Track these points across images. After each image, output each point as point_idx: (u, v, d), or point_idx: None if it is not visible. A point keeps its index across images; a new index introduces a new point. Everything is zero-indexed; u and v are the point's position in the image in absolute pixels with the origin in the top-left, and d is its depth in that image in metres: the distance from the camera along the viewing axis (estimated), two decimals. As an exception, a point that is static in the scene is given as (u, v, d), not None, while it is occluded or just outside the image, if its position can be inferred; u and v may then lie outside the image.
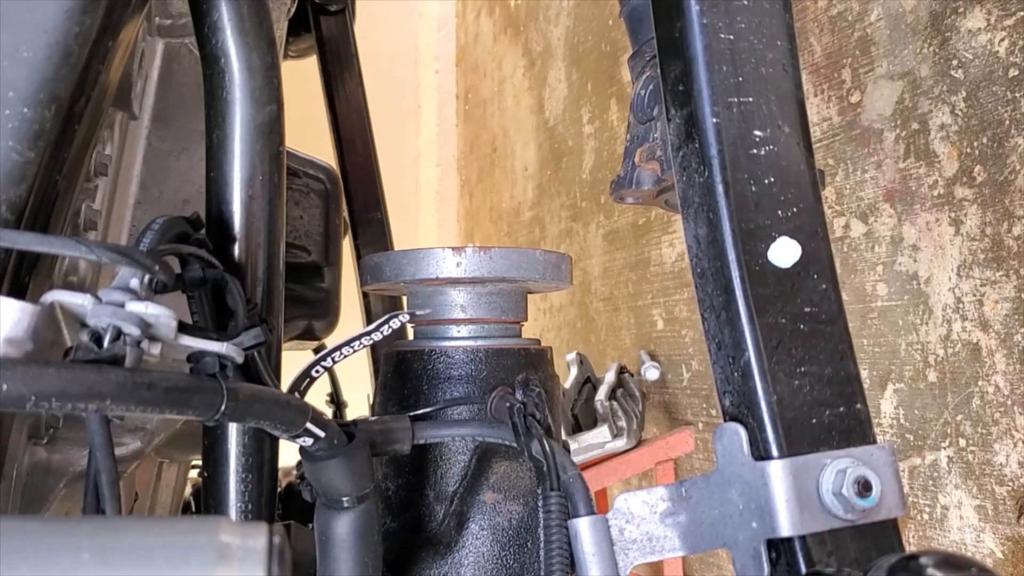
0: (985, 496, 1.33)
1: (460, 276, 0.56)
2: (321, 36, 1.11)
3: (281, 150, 0.53)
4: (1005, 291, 1.29)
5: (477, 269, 0.56)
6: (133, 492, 0.79)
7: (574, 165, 2.74)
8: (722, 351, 0.50)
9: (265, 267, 0.52)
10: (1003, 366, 1.29)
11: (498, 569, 0.54)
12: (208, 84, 0.52)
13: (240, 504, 0.50)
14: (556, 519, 0.48)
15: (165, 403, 0.35)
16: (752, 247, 0.50)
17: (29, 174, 0.41)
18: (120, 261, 0.37)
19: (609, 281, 2.51)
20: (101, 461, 0.38)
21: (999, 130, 1.29)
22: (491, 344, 0.58)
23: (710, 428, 1.92)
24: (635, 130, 0.70)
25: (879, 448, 0.48)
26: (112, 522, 0.34)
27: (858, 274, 1.56)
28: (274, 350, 0.52)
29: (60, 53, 0.42)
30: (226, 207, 0.51)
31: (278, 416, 0.40)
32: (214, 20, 0.51)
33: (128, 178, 0.69)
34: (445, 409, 0.56)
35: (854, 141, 1.57)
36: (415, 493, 0.56)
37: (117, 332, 0.35)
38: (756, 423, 0.48)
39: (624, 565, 0.49)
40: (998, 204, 1.29)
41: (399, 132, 3.45)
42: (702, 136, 0.51)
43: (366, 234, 1.06)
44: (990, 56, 1.30)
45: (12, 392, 0.31)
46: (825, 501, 0.46)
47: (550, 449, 0.50)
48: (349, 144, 1.09)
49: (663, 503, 0.50)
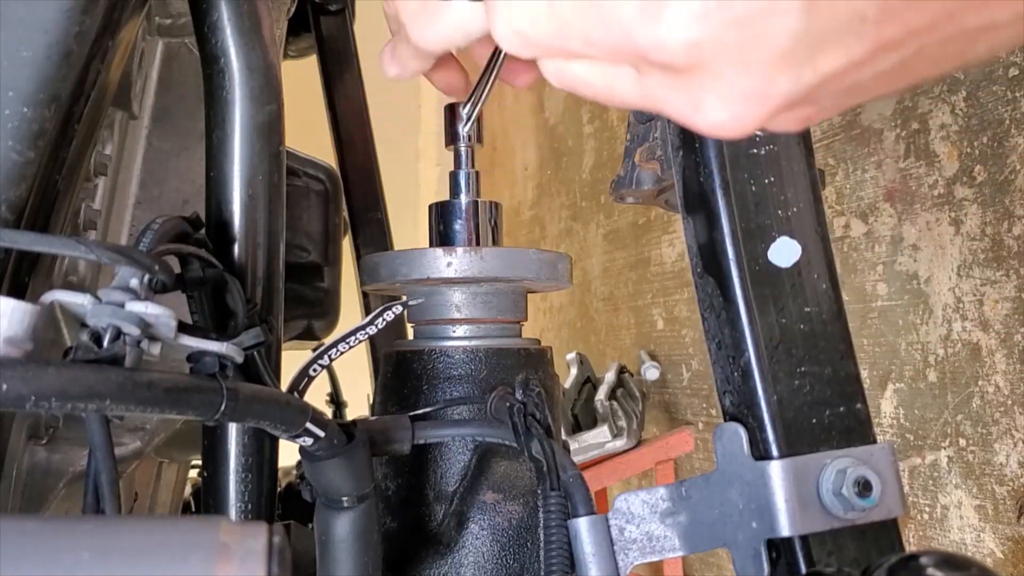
0: (985, 496, 1.33)
1: (456, 276, 0.56)
2: (321, 36, 1.11)
3: (281, 150, 0.53)
4: (1005, 291, 1.29)
5: (473, 269, 0.56)
6: (133, 492, 0.79)
7: (574, 165, 2.74)
8: (722, 351, 0.50)
9: (265, 267, 0.52)
10: (1003, 366, 1.29)
11: (498, 569, 0.54)
12: (208, 84, 0.52)
13: (240, 504, 0.50)
14: (556, 519, 0.48)
15: (165, 403, 0.35)
16: (752, 247, 0.50)
17: (29, 174, 0.41)
18: (120, 261, 0.37)
19: (609, 281, 2.51)
20: (101, 461, 0.38)
21: (999, 130, 1.29)
22: (491, 344, 0.58)
23: (710, 428, 1.91)
24: (635, 129, 0.70)
25: (879, 448, 0.48)
26: (112, 522, 0.34)
27: (858, 274, 1.56)
28: (274, 350, 0.52)
29: (60, 53, 0.42)
30: (226, 207, 0.51)
31: (278, 416, 0.40)
32: (214, 20, 0.51)
33: (128, 178, 0.69)
34: (445, 409, 0.56)
35: (854, 141, 1.57)
36: (415, 493, 0.56)
37: (117, 332, 0.35)
38: (756, 423, 0.48)
39: (624, 565, 0.49)
40: (998, 204, 1.29)
41: (399, 132, 3.45)
42: (702, 136, 0.50)
43: (366, 234, 1.06)
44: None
45: (12, 392, 0.31)
46: (825, 501, 0.46)
47: (550, 449, 0.50)
48: (349, 144, 1.09)
49: (663, 503, 0.50)
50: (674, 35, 0.27)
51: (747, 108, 0.29)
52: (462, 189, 0.59)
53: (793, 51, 0.27)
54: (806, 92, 0.29)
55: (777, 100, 0.29)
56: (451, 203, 0.59)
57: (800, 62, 0.28)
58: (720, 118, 0.29)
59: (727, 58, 0.27)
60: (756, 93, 0.28)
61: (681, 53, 0.27)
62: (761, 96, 0.29)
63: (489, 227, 0.59)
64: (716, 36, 0.27)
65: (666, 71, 0.29)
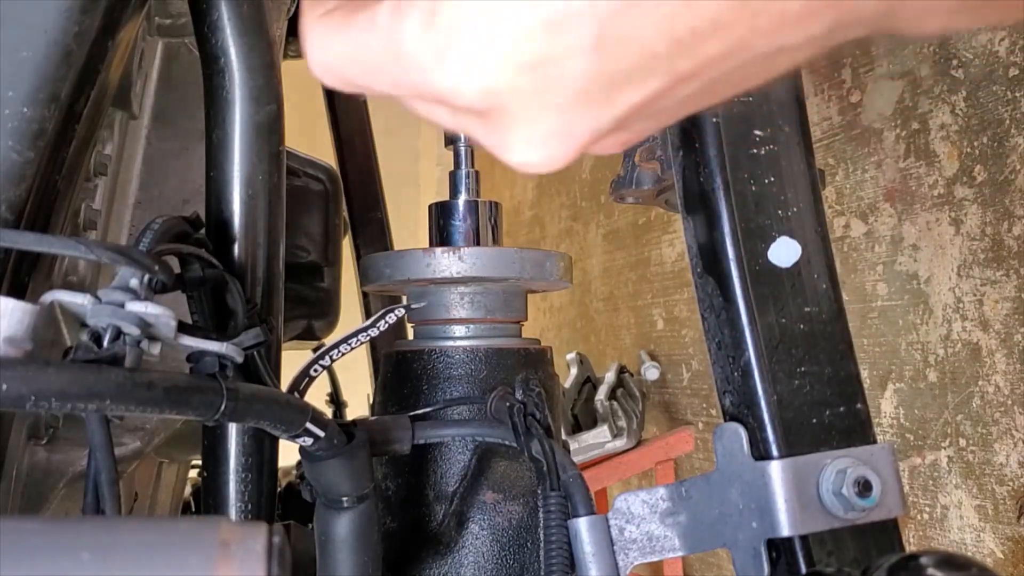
0: (985, 496, 1.33)
1: (456, 276, 0.56)
2: (321, 36, 1.11)
3: (281, 150, 0.53)
4: (1005, 291, 1.29)
5: (473, 269, 0.56)
6: (133, 492, 0.79)
7: (574, 164, 2.74)
8: (722, 351, 0.50)
9: (265, 267, 0.52)
10: (1003, 366, 1.29)
11: (498, 569, 0.54)
12: (208, 84, 0.52)
13: (240, 504, 0.50)
14: (556, 519, 0.48)
15: (165, 403, 0.35)
16: (752, 247, 0.50)
17: (29, 174, 0.41)
18: (120, 261, 0.37)
19: (609, 281, 2.51)
20: (101, 461, 0.38)
21: (999, 130, 1.29)
22: (491, 344, 0.58)
23: (710, 428, 1.91)
24: (635, 130, 0.70)
25: (879, 448, 0.48)
26: (112, 522, 0.34)
27: (858, 274, 1.56)
28: (274, 350, 0.52)
29: (60, 53, 0.42)
30: (226, 207, 0.51)
31: (278, 416, 0.40)
32: (214, 19, 0.51)
33: (128, 178, 0.69)
34: (445, 409, 0.56)
35: (854, 141, 1.57)
36: (415, 493, 0.56)
37: (117, 332, 0.35)
38: (756, 423, 0.48)
39: (624, 565, 0.49)
40: (998, 204, 1.29)
41: (399, 132, 3.45)
42: (702, 136, 0.51)
43: (366, 234, 1.06)
44: (990, 56, 1.30)
45: (12, 392, 0.31)
46: (825, 501, 0.46)
47: (550, 449, 0.50)
48: (349, 144, 1.09)
49: (663, 503, 0.50)
50: (468, 82, 0.27)
51: (554, 147, 0.29)
52: (462, 189, 0.59)
53: (588, 91, 0.27)
54: (610, 126, 0.29)
55: (582, 137, 0.29)
56: (451, 203, 0.59)
57: (598, 101, 0.28)
58: (529, 158, 0.30)
59: (525, 102, 0.28)
60: (560, 133, 0.29)
61: (476, 98, 0.28)
62: (565, 135, 0.29)
63: (489, 227, 0.59)
64: (509, 81, 0.27)
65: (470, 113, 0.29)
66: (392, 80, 0.30)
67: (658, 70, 0.27)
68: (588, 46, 0.26)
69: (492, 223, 0.60)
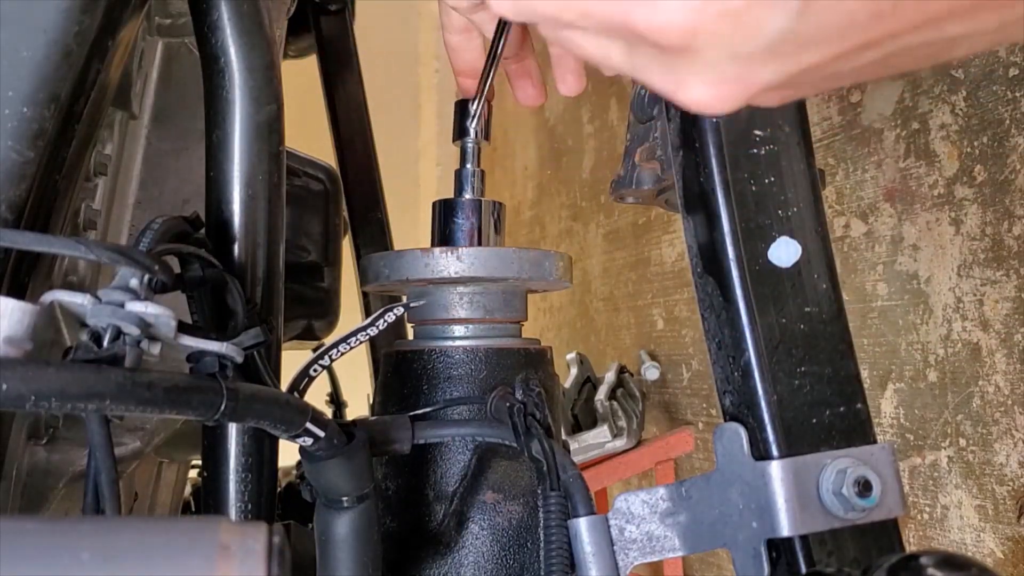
0: (985, 496, 1.33)
1: (456, 275, 0.55)
2: (321, 36, 1.11)
3: (281, 150, 0.53)
4: (1005, 291, 1.29)
5: (473, 268, 0.55)
6: (133, 492, 0.79)
7: (574, 164, 2.74)
8: (722, 351, 0.50)
9: (265, 267, 0.52)
10: (1003, 366, 1.29)
11: (498, 569, 0.54)
12: (208, 83, 0.52)
13: (240, 504, 0.50)
14: (556, 519, 0.48)
15: (165, 403, 0.35)
16: (752, 247, 0.50)
17: (29, 174, 0.41)
18: (120, 261, 0.37)
19: (609, 281, 2.51)
20: (101, 461, 0.38)
21: (999, 130, 1.29)
22: (491, 344, 0.58)
23: (710, 428, 1.91)
24: (635, 129, 0.70)
25: (879, 448, 0.48)
26: (112, 522, 0.34)
27: (858, 274, 1.56)
28: (274, 350, 0.52)
29: (59, 53, 0.42)
30: (226, 207, 0.51)
31: (278, 416, 0.40)
32: (214, 19, 0.51)
33: (128, 178, 0.69)
34: (445, 409, 0.56)
35: (854, 141, 1.57)
36: (415, 493, 0.56)
37: (117, 332, 0.35)
38: (756, 423, 0.48)
39: (624, 565, 0.49)
40: (998, 204, 1.29)
41: (399, 132, 3.45)
42: (702, 136, 0.51)
43: (366, 234, 1.06)
44: (990, 55, 1.30)
45: (12, 392, 0.31)
46: (825, 501, 0.46)
47: (550, 449, 0.50)
48: (349, 144, 1.09)
49: (663, 503, 0.50)
50: (671, 21, 0.28)
51: (728, 90, 0.31)
52: (467, 187, 0.59)
53: (780, 46, 0.29)
54: (787, 80, 0.31)
55: (758, 86, 0.31)
56: (455, 201, 0.59)
57: (785, 56, 0.29)
58: (702, 97, 0.31)
59: (716, 46, 0.29)
60: (739, 79, 0.30)
61: (675, 38, 0.29)
62: (743, 82, 0.30)
63: (491, 226, 0.59)
64: (710, 25, 0.28)
65: (656, 49, 0.30)
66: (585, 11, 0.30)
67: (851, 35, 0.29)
68: (794, 6, 0.27)
69: (495, 223, 0.59)
